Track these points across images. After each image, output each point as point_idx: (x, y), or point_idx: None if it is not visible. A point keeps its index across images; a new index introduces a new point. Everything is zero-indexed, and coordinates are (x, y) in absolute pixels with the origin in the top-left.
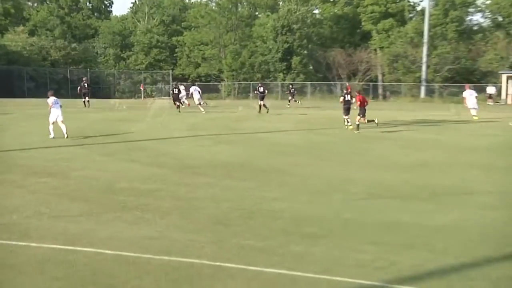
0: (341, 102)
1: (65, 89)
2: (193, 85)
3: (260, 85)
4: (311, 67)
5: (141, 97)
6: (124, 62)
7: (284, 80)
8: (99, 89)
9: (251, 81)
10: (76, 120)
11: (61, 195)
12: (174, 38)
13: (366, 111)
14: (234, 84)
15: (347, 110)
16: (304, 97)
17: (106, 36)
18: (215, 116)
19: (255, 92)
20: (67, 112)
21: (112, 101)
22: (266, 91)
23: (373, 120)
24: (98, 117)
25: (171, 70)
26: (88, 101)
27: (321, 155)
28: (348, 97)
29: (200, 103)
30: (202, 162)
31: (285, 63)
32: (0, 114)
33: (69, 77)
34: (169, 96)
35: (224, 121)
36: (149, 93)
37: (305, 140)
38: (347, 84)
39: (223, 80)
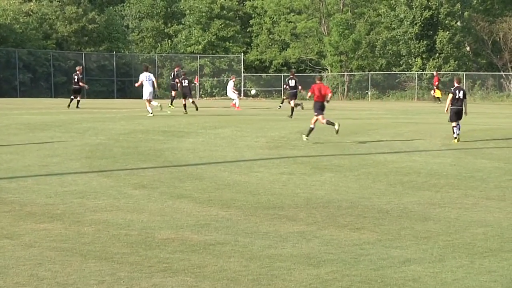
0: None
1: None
2: (146, 70)
3: (291, 76)
4: (467, 48)
5: (194, 96)
6: (169, 41)
7: (423, 70)
8: (130, 84)
9: (369, 71)
10: (93, 131)
11: (70, 251)
12: (248, 3)
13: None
14: (343, 75)
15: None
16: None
17: (141, 0)
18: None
19: (285, 86)
20: (82, 120)
21: (153, 102)
22: (299, 87)
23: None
24: (127, 127)
25: (242, 54)
26: (78, 100)
27: (485, 190)
28: None
29: (149, 99)
30: (291, 199)
31: (425, 42)
32: None
33: (84, 64)
34: (238, 95)
35: (324, 134)
36: (208, 91)
37: (458, 166)
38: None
39: (325, 69)
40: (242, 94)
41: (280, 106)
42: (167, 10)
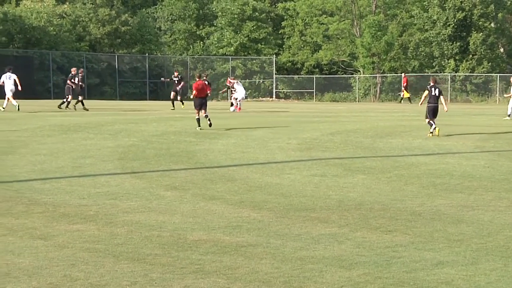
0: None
1: (111, 84)
2: (8, 71)
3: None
4: (501, 50)
5: (226, 97)
6: (201, 43)
7: (456, 72)
8: (162, 86)
9: (402, 72)
10: (126, 133)
11: (103, 252)
12: (280, 5)
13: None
14: (375, 77)
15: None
16: (491, 97)
17: (173, 3)
18: (342, 129)
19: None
20: (115, 121)
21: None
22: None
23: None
24: (159, 129)
25: (274, 56)
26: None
27: None
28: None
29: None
30: (323, 201)
31: (458, 44)
32: (11, 124)
33: (116, 66)
34: (269, 96)
35: (356, 136)
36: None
37: (491, 168)
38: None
39: (357, 71)
40: (274, 96)
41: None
42: (199, 12)
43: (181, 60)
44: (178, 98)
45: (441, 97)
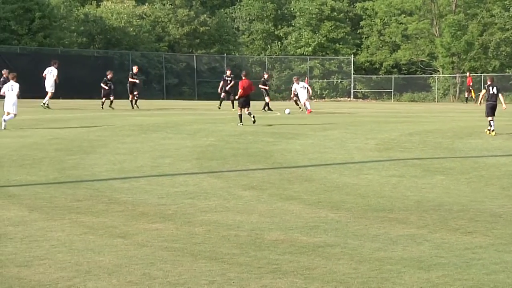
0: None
1: (189, 84)
2: (53, 65)
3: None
4: None
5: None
6: (279, 43)
7: None
8: (236, 85)
9: (482, 72)
10: (204, 133)
11: (181, 251)
12: (358, 5)
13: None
14: (455, 77)
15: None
16: None
17: (251, 3)
18: (420, 129)
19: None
20: (193, 121)
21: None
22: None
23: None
24: (237, 129)
25: (352, 56)
26: (111, 100)
27: None
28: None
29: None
30: (401, 201)
31: None
32: (91, 124)
33: (195, 66)
34: (347, 96)
35: (435, 136)
36: (317, 92)
37: None
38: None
39: (436, 71)
40: (352, 96)
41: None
42: (277, 12)
43: (259, 60)
44: (230, 98)
45: (500, 95)
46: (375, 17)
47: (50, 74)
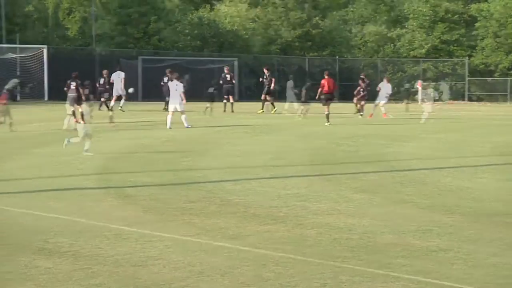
0: None
1: (301, 86)
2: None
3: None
4: None
5: (416, 99)
6: (391, 45)
7: None
8: (349, 87)
9: None
10: (315, 135)
11: (293, 253)
12: (473, 6)
13: None
14: None
15: None
16: None
17: (364, 5)
18: None
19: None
20: (305, 124)
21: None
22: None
23: None
24: (349, 131)
25: (467, 58)
26: (105, 101)
27: None
28: None
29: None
30: None
31: None
32: (208, 125)
33: (307, 69)
34: (461, 99)
35: None
36: (431, 95)
37: None
38: None
39: None
40: (466, 99)
41: None
42: (390, 14)
43: (371, 63)
44: (269, 99)
45: None
46: (490, 18)
47: (118, 78)
